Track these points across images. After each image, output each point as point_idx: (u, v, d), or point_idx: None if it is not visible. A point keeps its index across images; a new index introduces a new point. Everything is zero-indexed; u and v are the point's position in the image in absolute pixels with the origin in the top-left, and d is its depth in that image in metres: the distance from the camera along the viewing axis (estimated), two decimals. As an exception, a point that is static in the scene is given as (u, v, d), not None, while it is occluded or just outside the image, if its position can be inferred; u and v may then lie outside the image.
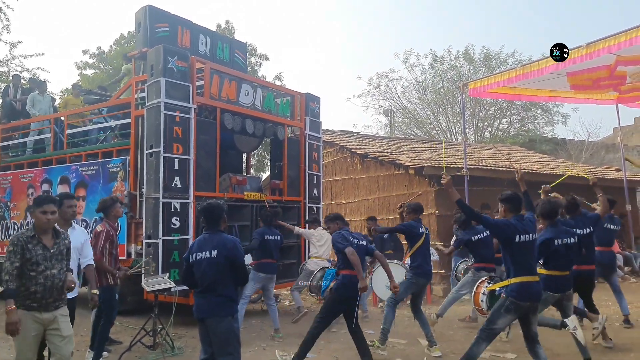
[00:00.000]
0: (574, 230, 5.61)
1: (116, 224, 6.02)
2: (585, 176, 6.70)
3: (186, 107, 7.50)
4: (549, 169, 13.41)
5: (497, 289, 4.82)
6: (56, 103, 11.70)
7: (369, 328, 7.06)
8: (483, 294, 5.70)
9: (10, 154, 10.68)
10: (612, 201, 6.99)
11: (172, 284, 6.25)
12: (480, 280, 6.10)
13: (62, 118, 9.63)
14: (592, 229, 6.17)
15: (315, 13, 69.38)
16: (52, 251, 3.85)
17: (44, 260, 3.79)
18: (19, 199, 9.84)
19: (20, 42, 23.12)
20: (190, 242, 7.25)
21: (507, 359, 5.72)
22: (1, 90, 14.54)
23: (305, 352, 5.14)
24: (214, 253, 4.02)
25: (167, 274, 6.61)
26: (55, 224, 4.00)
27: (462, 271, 7.64)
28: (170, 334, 6.26)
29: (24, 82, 12.36)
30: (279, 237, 7.17)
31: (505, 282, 4.55)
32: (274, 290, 9.02)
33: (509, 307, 4.40)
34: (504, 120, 26.68)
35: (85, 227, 8.42)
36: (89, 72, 23.69)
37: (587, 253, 5.79)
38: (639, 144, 20.49)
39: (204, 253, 4.05)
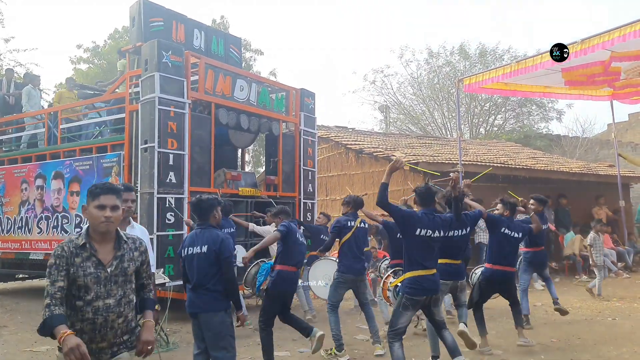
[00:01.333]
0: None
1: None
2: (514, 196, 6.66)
3: (181, 102, 7.48)
4: (543, 165, 13.46)
5: (399, 284, 4.74)
6: (50, 98, 11.64)
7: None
8: (389, 290, 5.52)
9: (3, 149, 10.61)
10: (543, 200, 7.03)
11: (167, 280, 6.25)
12: (386, 276, 5.88)
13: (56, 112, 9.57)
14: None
15: (309, 8, 69.20)
16: (109, 270, 2.63)
17: (96, 283, 2.58)
18: (13, 194, 9.79)
19: (12, 37, 22.97)
20: (185, 237, 7.24)
21: (494, 355, 5.74)
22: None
23: (271, 358, 5.07)
24: (204, 248, 4.00)
25: (162, 270, 6.61)
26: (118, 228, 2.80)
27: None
28: (165, 329, 6.26)
29: (17, 76, 12.27)
30: (232, 229, 6.74)
31: (401, 278, 4.56)
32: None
33: (405, 304, 4.41)
34: (499, 116, 26.73)
35: (79, 223, 8.41)
36: (84, 66, 23.57)
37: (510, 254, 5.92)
38: (633, 140, 20.57)
39: (194, 248, 4.05)
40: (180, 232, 7.20)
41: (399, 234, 5.02)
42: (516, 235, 5.93)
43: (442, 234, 4.51)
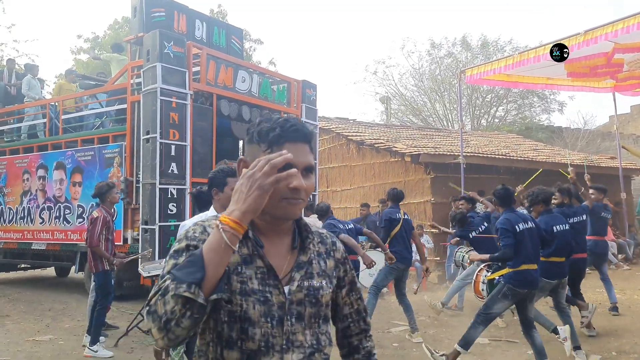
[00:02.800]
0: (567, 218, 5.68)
1: (112, 210, 6.01)
2: (565, 173, 6.83)
3: (182, 93, 7.48)
4: (544, 157, 13.46)
5: (496, 277, 4.89)
6: (51, 89, 11.63)
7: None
8: (482, 282, 5.73)
9: (5, 139, 10.62)
10: (603, 189, 7.09)
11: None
12: (479, 269, 6.08)
13: (57, 103, 9.57)
14: (584, 218, 6.25)
15: (312, -1, 68.80)
16: (289, 290, 1.31)
17: (265, 315, 1.27)
18: (15, 184, 9.81)
19: (13, 24, 22.91)
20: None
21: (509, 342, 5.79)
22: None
23: None
24: None
25: (164, 260, 6.64)
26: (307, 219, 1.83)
27: (468, 260, 7.64)
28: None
29: (19, 67, 12.25)
30: None
31: (504, 271, 4.63)
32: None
33: (506, 293, 4.49)
34: (501, 107, 26.68)
35: (82, 214, 8.43)
36: (84, 57, 23.51)
37: (578, 241, 5.86)
38: (635, 132, 20.53)
39: None
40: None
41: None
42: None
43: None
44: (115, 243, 6.22)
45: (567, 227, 5.31)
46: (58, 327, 6.76)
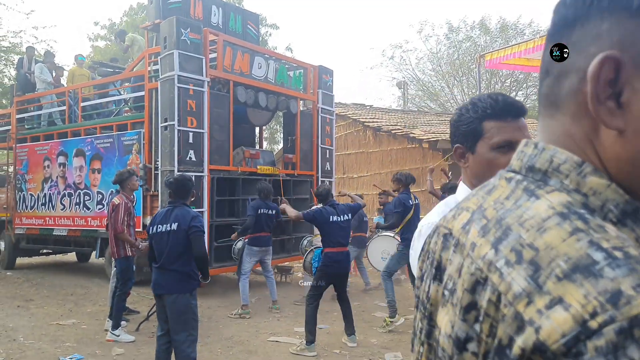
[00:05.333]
0: None
1: (132, 197, 6.08)
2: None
3: (200, 80, 7.48)
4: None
5: None
6: (63, 75, 11.70)
7: (376, 300, 7.14)
8: None
9: (26, 127, 10.77)
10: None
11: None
12: None
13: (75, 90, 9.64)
14: None
15: (327, -18, 68.02)
16: None
17: None
18: (36, 171, 9.97)
19: (33, 10, 23.08)
20: (205, 215, 7.33)
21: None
22: (15, 62, 14.59)
23: (313, 328, 5.19)
24: (174, 226, 3.92)
25: None
26: None
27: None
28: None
29: (38, 54, 12.36)
30: (273, 212, 6.93)
31: None
32: (287, 263, 9.16)
33: None
34: (520, 92, 26.25)
35: (101, 200, 8.54)
36: (101, 43, 23.66)
37: None
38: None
39: (164, 226, 3.96)
40: (201, 210, 7.27)
41: None
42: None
43: None
44: (136, 230, 6.30)
45: None
46: (80, 312, 6.90)
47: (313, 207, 6.22)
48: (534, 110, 24.70)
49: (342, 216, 5.40)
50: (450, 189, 7.26)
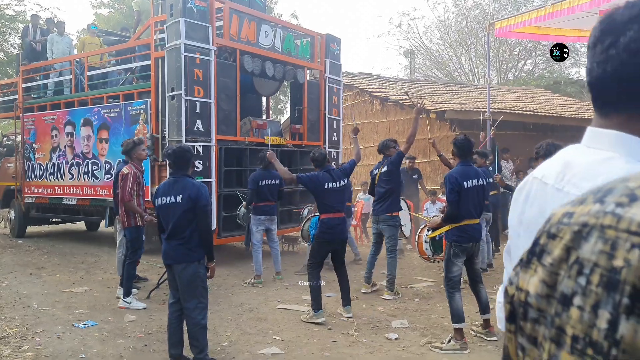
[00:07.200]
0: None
1: (141, 167, 6.10)
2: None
3: (206, 49, 7.41)
4: (573, 113, 13.10)
5: (437, 235, 5.14)
6: (73, 44, 11.61)
7: (382, 269, 7.21)
8: (425, 242, 5.59)
9: (32, 96, 10.75)
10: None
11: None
12: (419, 229, 5.87)
13: (82, 59, 9.58)
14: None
15: (334, -53, 66.33)
16: None
17: None
18: (44, 141, 10.00)
19: None
20: (213, 185, 7.37)
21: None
22: (20, 31, 14.47)
23: (318, 297, 5.24)
24: (179, 198, 3.95)
25: None
26: None
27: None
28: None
29: (42, 22, 12.23)
30: (277, 181, 6.89)
31: (445, 228, 4.78)
32: (293, 233, 9.23)
33: (455, 252, 4.66)
34: (529, 61, 25.87)
35: (109, 169, 8.59)
36: (104, 11, 23.35)
37: None
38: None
39: (169, 198, 3.99)
40: (209, 180, 7.30)
41: None
42: None
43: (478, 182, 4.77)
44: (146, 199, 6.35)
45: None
46: (92, 280, 7.02)
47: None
48: (542, 79, 24.36)
49: (337, 182, 5.34)
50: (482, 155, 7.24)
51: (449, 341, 4.50)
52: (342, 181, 5.40)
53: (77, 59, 9.71)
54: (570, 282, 0.51)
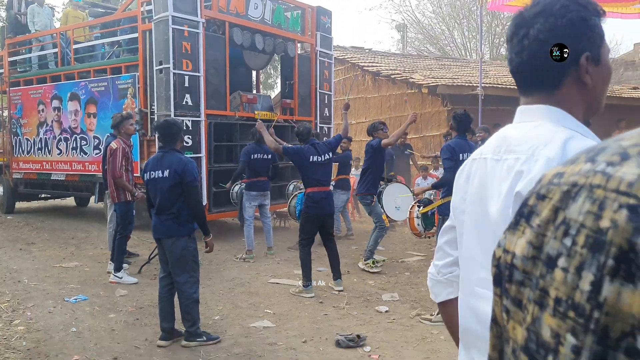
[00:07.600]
0: None
1: (130, 141, 6.03)
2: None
3: (194, 21, 7.26)
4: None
5: (429, 210, 5.23)
6: (58, 16, 11.36)
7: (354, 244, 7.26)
8: (417, 217, 5.64)
9: (18, 70, 10.54)
10: None
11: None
12: (410, 206, 5.92)
13: (68, 33, 9.37)
14: None
15: None
16: None
17: None
18: (30, 115, 9.85)
19: None
20: (203, 160, 7.31)
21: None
22: (5, 3, 14.11)
23: (308, 273, 5.28)
24: (166, 173, 3.94)
25: None
26: None
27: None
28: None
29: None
30: (269, 156, 6.85)
31: (436, 204, 4.89)
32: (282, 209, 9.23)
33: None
34: (521, 36, 25.69)
35: (98, 145, 8.49)
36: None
37: None
38: (660, 62, 19.75)
39: (156, 172, 3.99)
40: (199, 155, 7.25)
41: None
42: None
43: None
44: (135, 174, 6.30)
45: None
46: (82, 255, 7.01)
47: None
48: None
49: (322, 156, 5.36)
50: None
51: (438, 313, 4.55)
52: (327, 155, 5.42)
53: (63, 32, 9.50)
54: (556, 243, 0.49)
